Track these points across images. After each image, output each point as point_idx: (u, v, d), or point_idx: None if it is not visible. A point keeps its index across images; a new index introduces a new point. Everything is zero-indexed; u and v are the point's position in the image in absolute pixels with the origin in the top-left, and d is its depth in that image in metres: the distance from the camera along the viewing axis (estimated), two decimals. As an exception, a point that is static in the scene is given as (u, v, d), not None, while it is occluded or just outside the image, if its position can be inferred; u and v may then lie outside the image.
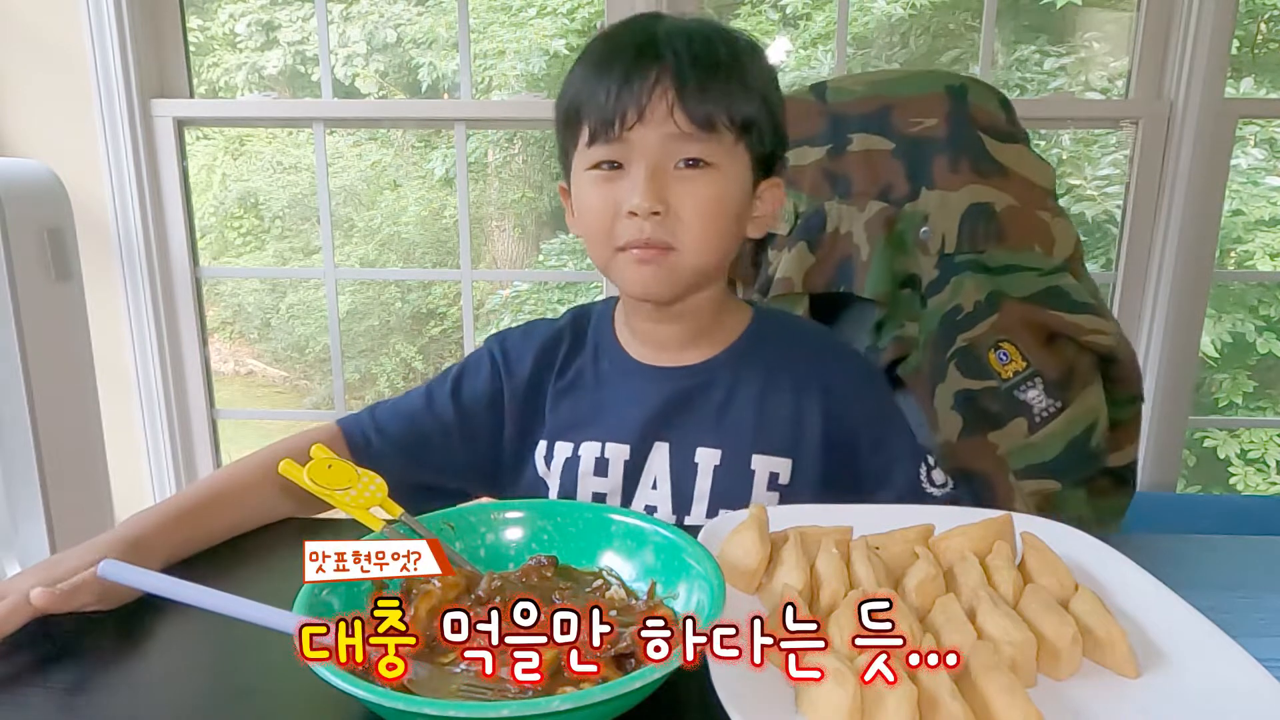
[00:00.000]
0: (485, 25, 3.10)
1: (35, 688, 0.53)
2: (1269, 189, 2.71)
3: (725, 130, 0.76)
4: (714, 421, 0.84)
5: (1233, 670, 0.51)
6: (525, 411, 0.89)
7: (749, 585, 0.60)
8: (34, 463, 1.48)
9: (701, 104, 0.74)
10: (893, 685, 0.45)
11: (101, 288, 1.78)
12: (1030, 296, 0.96)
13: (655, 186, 0.74)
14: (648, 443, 0.85)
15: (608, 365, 0.88)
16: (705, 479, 0.83)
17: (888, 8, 2.75)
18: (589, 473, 0.85)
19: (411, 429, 0.87)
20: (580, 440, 0.86)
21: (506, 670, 0.48)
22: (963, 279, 0.98)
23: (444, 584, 0.55)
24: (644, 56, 0.75)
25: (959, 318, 0.96)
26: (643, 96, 0.74)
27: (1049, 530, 0.67)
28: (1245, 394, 2.91)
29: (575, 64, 0.81)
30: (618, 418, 0.86)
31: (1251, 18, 2.74)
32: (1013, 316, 0.94)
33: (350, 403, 3.19)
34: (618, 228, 0.76)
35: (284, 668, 0.51)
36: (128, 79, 1.72)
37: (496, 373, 0.89)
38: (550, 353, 0.90)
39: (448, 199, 3.29)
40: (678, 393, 0.85)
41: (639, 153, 0.75)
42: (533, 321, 0.94)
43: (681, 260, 0.77)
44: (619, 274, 0.80)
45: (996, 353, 0.93)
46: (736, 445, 0.83)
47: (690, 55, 0.75)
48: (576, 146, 0.79)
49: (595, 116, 0.75)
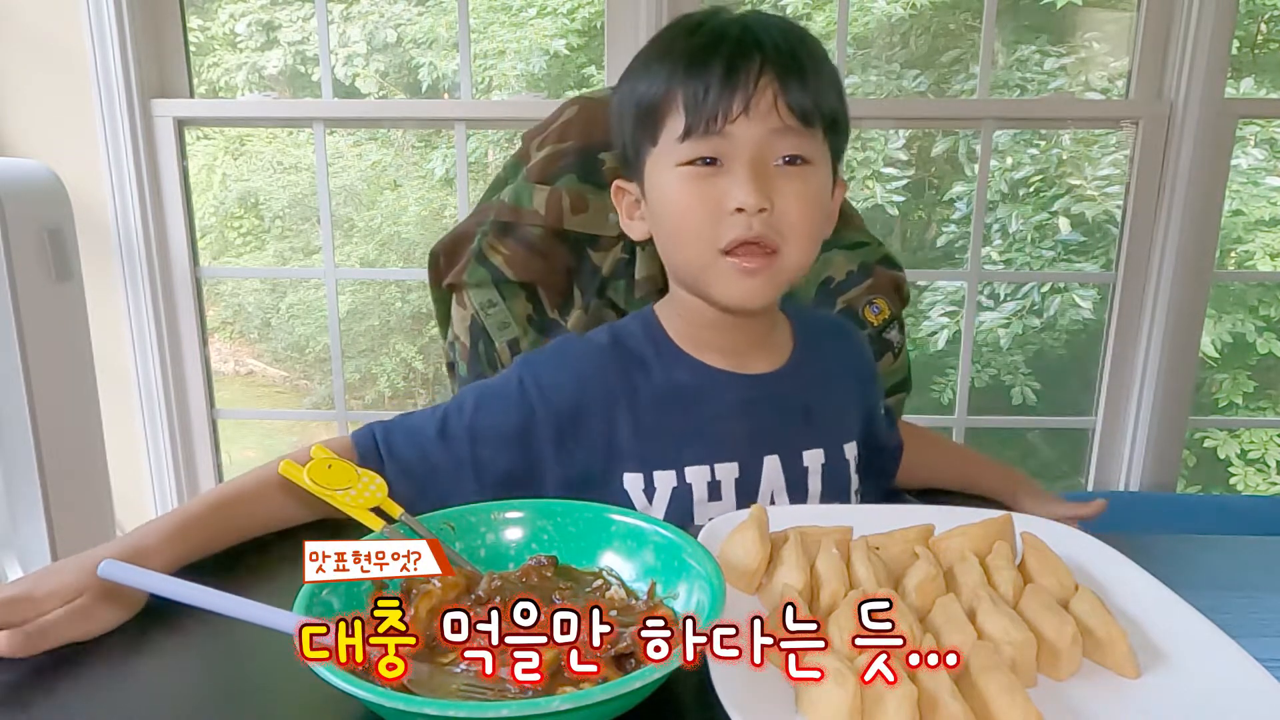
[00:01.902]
0: (485, 25, 3.10)
1: (35, 688, 0.53)
2: (1269, 189, 2.71)
3: (819, 125, 0.74)
4: (807, 423, 0.84)
5: (1233, 670, 0.51)
6: (573, 439, 0.80)
7: (749, 585, 0.60)
8: (34, 463, 1.48)
9: (803, 97, 0.72)
10: (893, 685, 0.45)
11: (101, 288, 1.78)
12: (879, 261, 1.16)
13: (761, 183, 0.72)
14: (758, 457, 0.81)
15: (686, 378, 0.82)
16: (815, 480, 0.83)
17: (888, 8, 2.75)
18: (703, 499, 0.79)
19: (422, 459, 0.78)
20: (683, 465, 0.80)
21: (506, 670, 0.48)
22: (830, 256, 1.14)
23: (444, 584, 0.55)
24: (745, 47, 0.72)
25: (832, 286, 1.14)
26: (749, 87, 0.71)
27: (1049, 530, 0.67)
28: (1245, 394, 2.91)
29: (650, 58, 0.77)
30: (722, 435, 0.81)
31: (1251, 18, 2.74)
32: (882, 278, 1.15)
33: (350, 402, 3.19)
34: (721, 227, 0.73)
35: (284, 668, 0.51)
36: (128, 79, 1.72)
37: (528, 400, 0.80)
38: (600, 373, 0.81)
39: (448, 199, 3.29)
40: (773, 399, 0.83)
41: (742, 147, 0.72)
42: (562, 342, 0.85)
43: (785, 263, 0.75)
44: (716, 281, 0.75)
45: (871, 307, 1.14)
46: (832, 440, 0.85)
47: (789, 47, 0.73)
48: (656, 144, 0.76)
49: (693, 110, 0.72)
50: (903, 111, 2.11)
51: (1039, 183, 2.65)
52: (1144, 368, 1.83)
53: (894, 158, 2.65)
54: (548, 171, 1.08)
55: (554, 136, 1.11)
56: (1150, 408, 1.84)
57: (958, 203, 2.70)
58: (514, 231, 1.08)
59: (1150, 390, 1.83)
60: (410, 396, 3.41)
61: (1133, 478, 1.89)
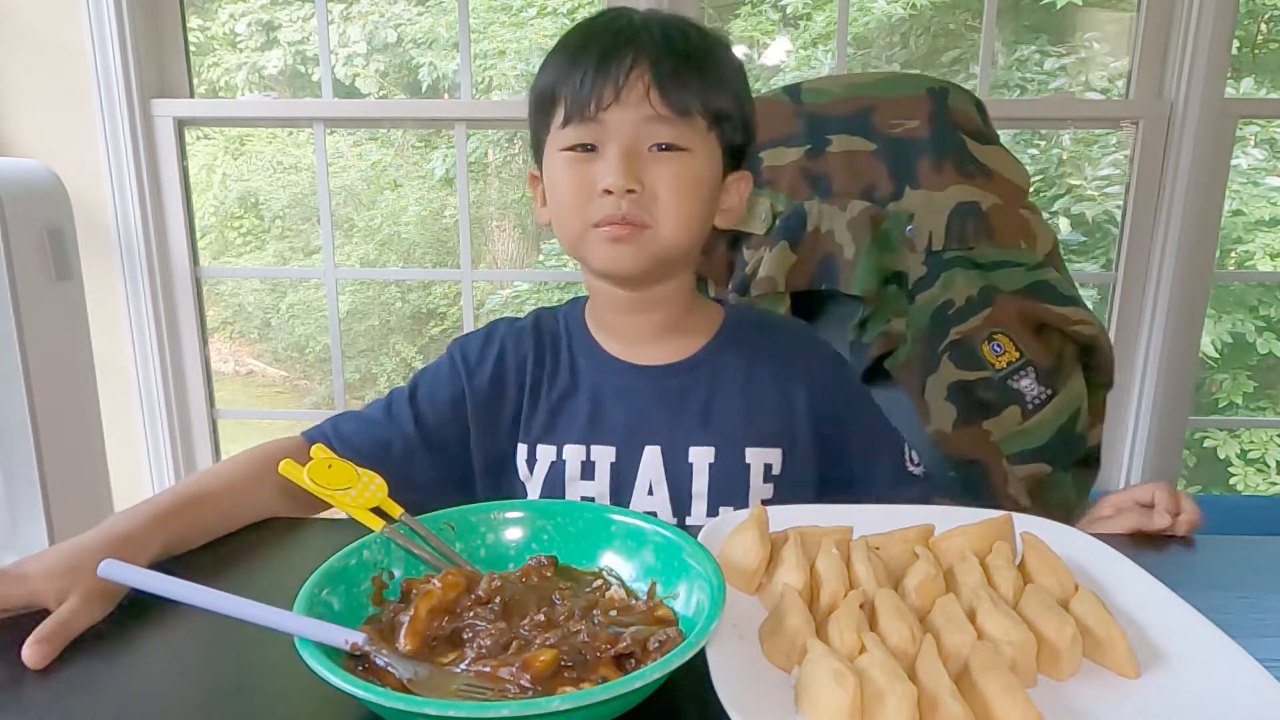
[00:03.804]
0: (485, 25, 3.10)
1: (35, 688, 0.53)
2: (1269, 189, 2.71)
3: (699, 117, 0.77)
4: (702, 419, 0.84)
5: (1233, 670, 0.51)
6: (492, 415, 0.87)
7: (749, 585, 0.60)
8: (34, 463, 1.48)
9: (677, 89, 0.76)
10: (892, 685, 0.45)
11: (101, 288, 1.78)
12: (1020, 290, 1.00)
13: (631, 166, 0.75)
14: (638, 445, 0.84)
15: (584, 363, 0.87)
16: (702, 478, 0.83)
17: (888, 8, 2.75)
18: (575, 477, 0.84)
19: (372, 438, 0.85)
20: (563, 443, 0.84)
21: (507, 670, 0.48)
22: (953, 275, 1.01)
23: (444, 584, 0.55)
24: (620, 41, 0.76)
25: (950, 312, 1.00)
26: (619, 78, 0.75)
27: (1049, 530, 0.67)
28: (1245, 394, 2.91)
29: (551, 53, 0.82)
30: (601, 418, 0.85)
31: (1251, 18, 2.74)
32: (1007, 310, 0.98)
33: (350, 402, 3.18)
34: (592, 206, 0.77)
35: (284, 667, 0.51)
36: (128, 79, 1.72)
37: (457, 377, 0.87)
38: (517, 352, 0.88)
39: (448, 199, 3.29)
40: (663, 391, 0.85)
41: (614, 133, 0.76)
42: (493, 323, 0.92)
43: (655, 236, 0.78)
44: (589, 251, 0.80)
45: (990, 344, 0.97)
46: (728, 441, 0.84)
47: (666, 42, 0.77)
48: (549, 130, 0.80)
49: (571, 98, 0.76)
50: (903, 111, 2.10)
51: (1039, 183, 2.65)
52: (1144, 368, 1.83)
53: (894, 158, 2.65)
54: None
55: None
56: (1150, 408, 1.83)
57: (958, 203, 2.70)
58: None
59: (1150, 390, 1.83)
60: (410, 396, 3.41)
61: (1133, 478, 1.89)
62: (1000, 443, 1.04)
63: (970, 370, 1.02)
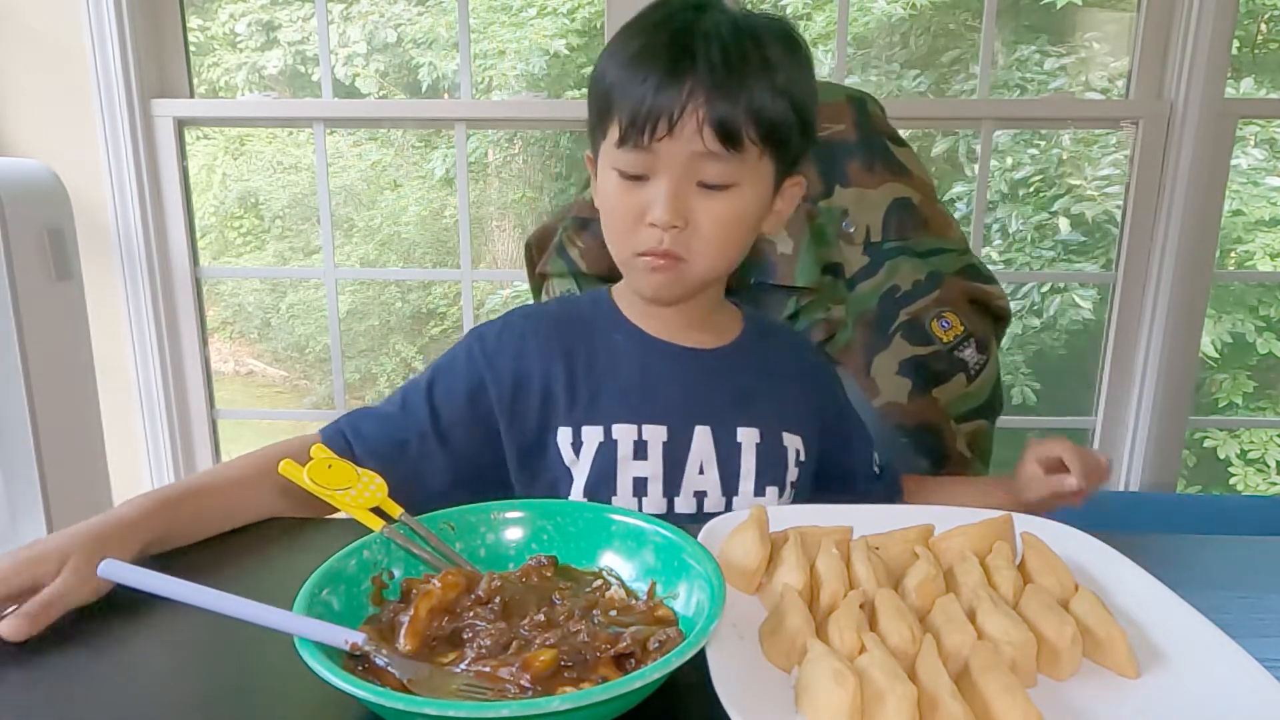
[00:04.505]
0: (485, 25, 3.10)
1: (35, 688, 0.53)
2: (1269, 189, 2.71)
3: (751, 145, 0.76)
4: (744, 402, 0.87)
5: (1233, 670, 0.51)
6: (519, 402, 0.84)
7: (749, 585, 0.60)
8: (34, 462, 1.48)
9: (730, 121, 0.74)
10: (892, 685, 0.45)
11: (101, 288, 1.78)
12: (955, 272, 1.12)
13: (677, 203, 0.77)
14: (689, 425, 0.84)
15: (626, 343, 0.87)
16: (749, 457, 0.85)
17: (888, 8, 2.75)
18: (628, 457, 0.82)
19: (390, 437, 0.83)
20: (610, 422, 0.83)
21: (507, 670, 0.48)
22: (898, 263, 1.11)
23: (444, 584, 0.55)
24: (679, 62, 0.74)
25: (898, 295, 1.11)
26: (674, 111, 0.74)
27: (1049, 530, 0.67)
28: (1245, 394, 2.91)
29: (615, 41, 0.80)
30: (651, 397, 0.84)
31: (1251, 18, 2.74)
32: (953, 290, 1.10)
33: (350, 402, 3.18)
34: (638, 234, 0.79)
35: (284, 667, 0.51)
36: (128, 79, 1.72)
37: (475, 368, 0.85)
38: (541, 336, 0.87)
39: (448, 199, 3.29)
40: (710, 372, 0.87)
41: (665, 165, 0.76)
42: (509, 312, 0.91)
43: (691, 270, 0.80)
44: (632, 275, 0.84)
45: (939, 321, 1.09)
46: (770, 424, 0.87)
47: (725, 64, 0.74)
48: (605, 136, 0.80)
49: (627, 121, 0.75)
50: (903, 111, 2.10)
51: (1039, 183, 2.65)
52: (1144, 368, 1.83)
53: (894, 158, 2.65)
54: None
55: None
56: (1150, 408, 1.83)
57: (958, 203, 2.70)
58: (590, 226, 1.14)
59: (1150, 390, 1.83)
60: (410, 396, 3.40)
61: (1133, 478, 1.89)
62: (947, 406, 1.17)
63: (922, 346, 1.15)
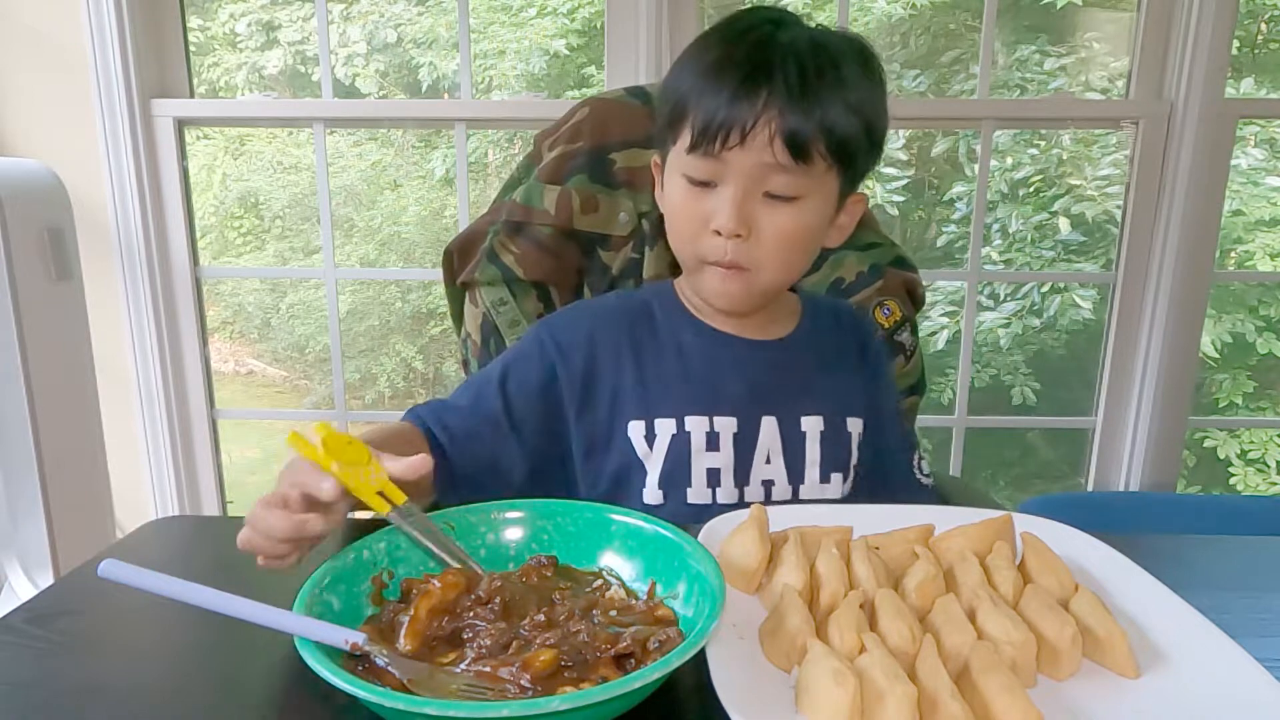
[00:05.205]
0: (485, 25, 3.10)
1: (35, 688, 0.53)
2: (1269, 189, 2.71)
3: (820, 159, 0.76)
4: (808, 390, 0.88)
5: (1233, 670, 0.51)
6: (589, 394, 0.86)
7: (749, 585, 0.60)
8: (34, 463, 1.48)
9: (802, 135, 0.74)
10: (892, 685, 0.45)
11: (101, 288, 1.78)
12: (891, 263, 1.16)
13: (743, 212, 0.77)
14: (755, 416, 0.85)
15: (692, 337, 0.88)
16: (814, 446, 0.86)
17: (888, 8, 2.75)
18: (701, 449, 0.84)
19: (469, 428, 0.83)
20: (683, 414, 0.84)
21: (507, 670, 0.48)
22: (842, 257, 1.15)
23: (444, 584, 0.55)
24: (757, 72, 0.75)
25: (843, 287, 1.15)
26: (747, 122, 0.74)
27: (1049, 530, 0.67)
28: (1245, 394, 2.90)
29: (692, 49, 0.80)
30: (720, 390, 0.86)
31: (1251, 18, 2.74)
32: (893, 280, 1.15)
33: (350, 402, 3.18)
34: (704, 241, 0.79)
35: (284, 667, 0.51)
36: (128, 79, 1.72)
37: (548, 359, 0.86)
38: (609, 329, 0.88)
39: (448, 199, 3.29)
40: (774, 363, 0.88)
41: (733, 174, 0.77)
42: (576, 304, 0.93)
43: (756, 279, 0.81)
44: (700, 281, 0.84)
45: (882, 309, 1.14)
46: (834, 410, 0.88)
47: (801, 81, 0.74)
48: (675, 143, 0.80)
49: (699, 129, 0.76)
50: (903, 111, 2.10)
51: (1039, 183, 2.65)
52: (1144, 368, 1.83)
53: (894, 158, 2.65)
54: (559, 172, 1.11)
55: (566, 137, 1.13)
56: (1150, 408, 1.84)
57: (958, 203, 2.70)
58: (525, 231, 1.12)
59: (1150, 390, 1.83)
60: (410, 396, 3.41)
61: (1133, 478, 1.89)
62: None
63: None
